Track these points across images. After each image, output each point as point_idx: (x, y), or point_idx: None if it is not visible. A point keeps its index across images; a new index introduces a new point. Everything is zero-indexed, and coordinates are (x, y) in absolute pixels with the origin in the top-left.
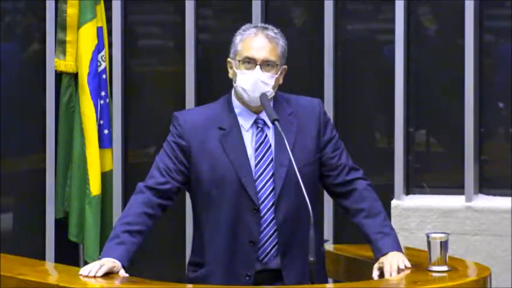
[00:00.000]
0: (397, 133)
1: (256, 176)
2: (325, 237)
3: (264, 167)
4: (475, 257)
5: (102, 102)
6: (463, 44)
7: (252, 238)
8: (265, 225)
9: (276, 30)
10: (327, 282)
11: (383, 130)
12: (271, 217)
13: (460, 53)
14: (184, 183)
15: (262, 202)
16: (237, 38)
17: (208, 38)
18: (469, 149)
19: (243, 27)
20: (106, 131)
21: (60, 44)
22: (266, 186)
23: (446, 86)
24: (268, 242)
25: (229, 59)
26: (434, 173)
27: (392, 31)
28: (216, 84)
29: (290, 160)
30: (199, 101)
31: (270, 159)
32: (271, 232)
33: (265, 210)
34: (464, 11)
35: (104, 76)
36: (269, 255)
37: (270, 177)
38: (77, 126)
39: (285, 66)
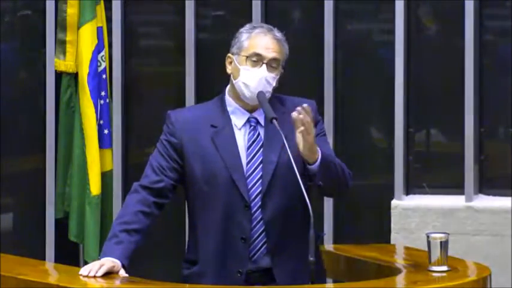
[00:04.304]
0: (397, 133)
1: (247, 174)
2: (326, 236)
3: (256, 165)
4: (475, 257)
5: (102, 102)
6: (463, 44)
7: (244, 235)
8: (255, 222)
9: (280, 33)
10: (324, 277)
11: (383, 130)
12: (261, 215)
13: (460, 53)
14: (178, 180)
15: (253, 199)
16: (244, 35)
17: (208, 38)
18: (469, 149)
19: (248, 26)
20: (106, 131)
21: (60, 44)
22: (257, 184)
23: (446, 86)
24: (258, 240)
25: (230, 54)
26: (434, 173)
27: (392, 31)
28: (216, 84)
29: (279, 157)
30: (199, 101)
31: (261, 157)
32: (261, 230)
33: (255, 207)
34: (464, 11)
35: (104, 76)
36: (259, 252)
37: (261, 176)
38: (77, 126)
39: (282, 70)
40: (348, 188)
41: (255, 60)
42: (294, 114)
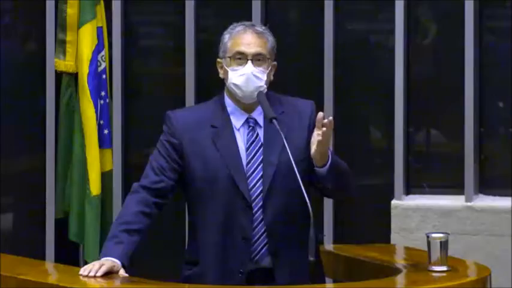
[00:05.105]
0: (397, 133)
1: (248, 174)
2: (326, 236)
3: (256, 165)
4: (475, 257)
5: (102, 102)
6: (463, 44)
7: (245, 235)
8: (256, 223)
9: (263, 27)
10: (323, 277)
11: (383, 130)
12: (262, 216)
13: (460, 53)
14: (178, 181)
15: (254, 200)
16: (226, 37)
17: (208, 38)
18: (469, 149)
19: (230, 27)
20: (106, 131)
21: (60, 44)
22: (258, 184)
23: (446, 86)
24: (259, 241)
25: (218, 59)
26: (434, 173)
27: (392, 31)
28: (215, 84)
29: (279, 158)
30: (199, 101)
31: (261, 158)
32: (263, 230)
33: (256, 208)
34: (464, 11)
35: (104, 76)
36: (260, 253)
37: (261, 176)
38: (77, 126)
39: (275, 63)
40: (354, 191)
41: (239, 58)
42: (321, 114)
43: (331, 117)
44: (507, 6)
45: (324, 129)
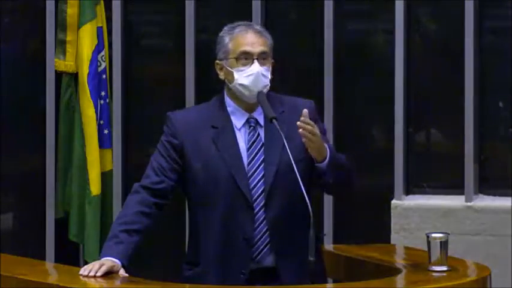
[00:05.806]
0: (397, 133)
1: (249, 174)
2: (326, 236)
3: (257, 165)
4: (475, 257)
5: (102, 102)
6: (463, 44)
7: (246, 235)
8: (258, 223)
9: (259, 26)
10: (325, 277)
11: (383, 130)
12: (264, 215)
13: (460, 53)
14: (179, 181)
15: (255, 200)
16: (226, 39)
17: (208, 38)
18: (469, 149)
19: (227, 29)
20: (106, 131)
21: (60, 44)
22: (259, 184)
23: (446, 86)
24: (261, 240)
25: (218, 61)
26: (434, 173)
27: (392, 31)
28: (215, 84)
29: (280, 158)
30: (199, 101)
31: (262, 157)
32: (264, 230)
33: (258, 208)
34: (464, 11)
35: (104, 76)
36: (262, 253)
37: (263, 176)
38: (77, 126)
39: (273, 61)
40: (355, 186)
41: (245, 58)
42: (305, 112)
43: (302, 118)
44: (507, 6)
45: (300, 130)
